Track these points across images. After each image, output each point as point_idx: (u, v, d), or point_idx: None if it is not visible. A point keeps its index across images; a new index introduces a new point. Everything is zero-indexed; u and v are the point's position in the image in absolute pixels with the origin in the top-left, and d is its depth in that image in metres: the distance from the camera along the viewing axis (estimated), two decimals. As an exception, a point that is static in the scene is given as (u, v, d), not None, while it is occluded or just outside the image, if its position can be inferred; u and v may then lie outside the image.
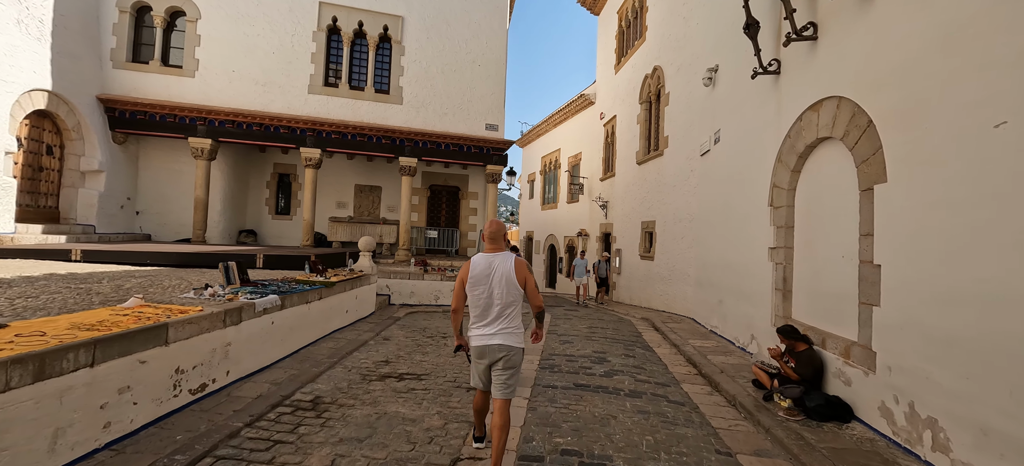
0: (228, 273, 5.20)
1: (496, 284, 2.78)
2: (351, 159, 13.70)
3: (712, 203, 8.45)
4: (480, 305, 2.81)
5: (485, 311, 2.80)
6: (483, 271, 2.81)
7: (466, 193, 14.55)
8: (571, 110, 18.42)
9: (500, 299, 2.77)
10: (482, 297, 2.80)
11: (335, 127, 11.22)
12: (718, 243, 7.94)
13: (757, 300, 6.16)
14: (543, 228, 21.06)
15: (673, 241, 10.55)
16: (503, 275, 2.79)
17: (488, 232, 2.99)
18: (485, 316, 2.80)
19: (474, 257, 2.92)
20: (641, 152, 12.61)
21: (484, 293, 2.79)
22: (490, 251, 2.91)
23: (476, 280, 2.81)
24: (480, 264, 2.83)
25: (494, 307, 2.78)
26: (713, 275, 8.12)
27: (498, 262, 2.82)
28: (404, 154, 11.67)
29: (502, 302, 2.78)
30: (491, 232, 2.97)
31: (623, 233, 13.61)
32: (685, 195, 10.07)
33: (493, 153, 12.22)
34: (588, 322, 8.95)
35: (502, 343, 2.77)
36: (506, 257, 2.86)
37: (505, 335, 2.79)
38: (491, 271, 2.80)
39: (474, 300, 2.84)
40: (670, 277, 10.61)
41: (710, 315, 8.18)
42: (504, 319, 2.79)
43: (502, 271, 2.80)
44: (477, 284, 2.81)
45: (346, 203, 13.67)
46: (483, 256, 2.88)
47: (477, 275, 2.81)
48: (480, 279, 2.80)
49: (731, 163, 7.54)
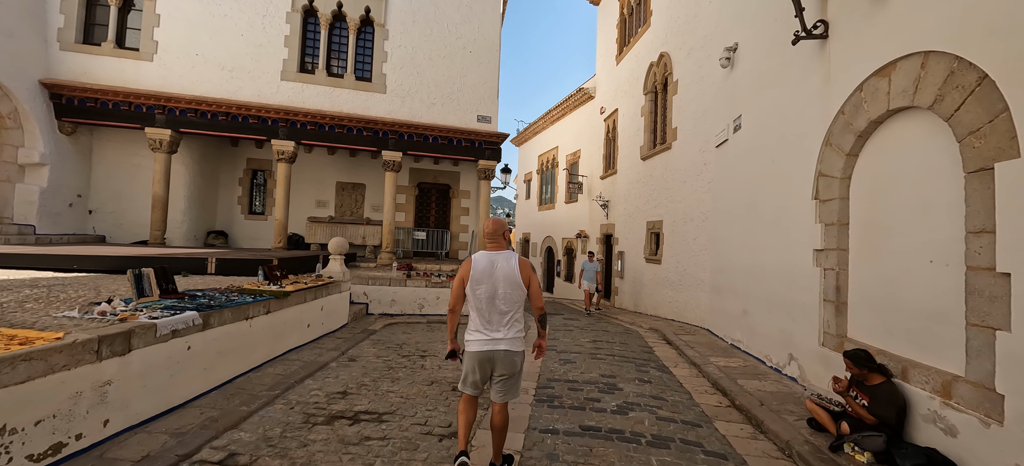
0: (140, 283, 4.07)
1: (500, 283, 2.60)
2: (332, 154, 12.57)
3: (731, 199, 7.38)
4: (482, 306, 2.62)
5: (488, 313, 2.62)
6: (485, 269, 2.62)
7: (457, 191, 13.44)
8: (569, 105, 17.37)
9: (504, 300, 2.60)
10: (484, 297, 2.61)
11: (311, 118, 10.10)
12: (741, 245, 6.86)
13: (798, 313, 5.07)
14: (540, 230, 19.98)
15: (683, 243, 9.47)
16: (506, 274, 2.61)
17: (488, 230, 2.78)
18: (488, 318, 2.62)
19: (475, 255, 2.72)
20: (646, 146, 11.54)
21: (486, 293, 2.61)
22: (491, 249, 2.73)
23: (478, 278, 2.61)
24: (482, 262, 2.65)
25: (497, 309, 2.60)
26: (735, 281, 7.04)
27: (501, 260, 2.65)
28: (387, 148, 10.55)
29: (506, 303, 2.61)
30: (491, 229, 2.77)
31: (626, 234, 12.53)
32: (697, 191, 9.00)
33: (486, 147, 11.12)
34: (591, 334, 7.84)
35: (508, 349, 2.60)
36: (509, 255, 2.69)
37: (511, 341, 2.62)
38: (494, 269, 2.62)
39: (475, 301, 2.64)
40: (680, 282, 9.52)
41: (731, 327, 7.09)
42: (509, 322, 2.63)
43: (505, 270, 2.62)
44: (479, 283, 2.61)
45: (327, 202, 12.53)
46: (484, 254, 2.71)
47: (479, 273, 2.62)
48: (482, 278, 2.61)
49: (757, 152, 6.47)
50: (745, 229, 6.75)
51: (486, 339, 2.60)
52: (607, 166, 14.42)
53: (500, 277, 2.61)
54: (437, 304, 8.76)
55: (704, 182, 8.76)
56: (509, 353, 2.60)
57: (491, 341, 2.59)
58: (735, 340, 6.90)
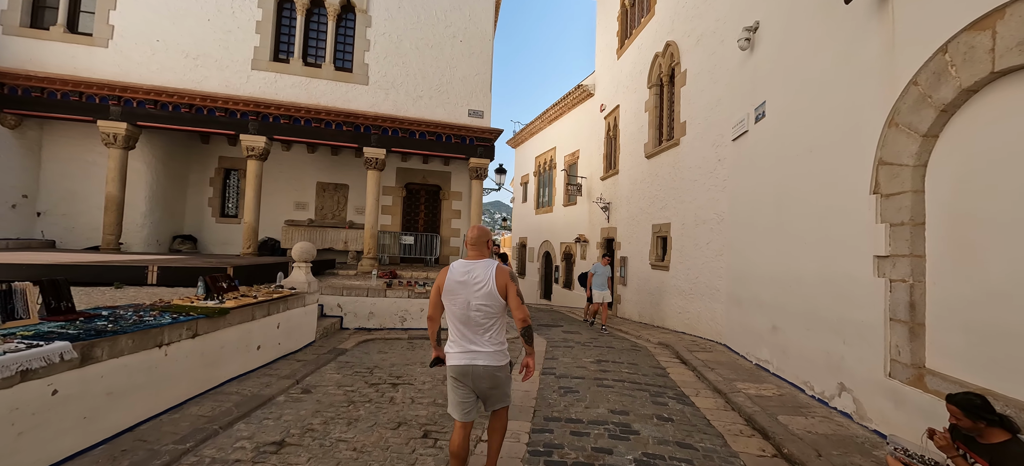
0: (7, 302, 3.06)
1: (474, 294, 2.44)
2: (312, 152, 11.58)
3: (754, 198, 6.44)
4: (457, 318, 2.47)
5: (463, 325, 2.46)
6: (460, 279, 2.47)
7: (448, 193, 12.46)
8: (567, 104, 16.47)
9: (479, 310, 2.43)
10: (458, 309, 2.45)
11: (284, 111, 9.12)
12: (767, 250, 5.91)
13: (852, 334, 4.11)
14: (537, 234, 19.01)
15: (695, 247, 8.51)
16: (482, 284, 2.44)
17: (471, 237, 2.63)
18: (464, 331, 2.46)
19: (453, 263, 2.56)
20: (651, 144, 10.62)
21: (461, 304, 2.45)
22: (472, 258, 2.58)
23: (453, 288, 2.47)
24: (458, 271, 2.50)
25: (473, 319, 2.44)
26: (759, 292, 6.07)
27: (478, 269, 2.48)
28: (369, 144, 9.58)
29: (482, 314, 2.43)
30: (474, 237, 2.62)
31: (629, 238, 11.58)
32: (710, 191, 8.06)
33: (478, 144, 10.17)
34: (595, 352, 6.85)
35: (486, 365, 2.43)
36: (487, 264, 2.52)
37: (488, 354, 2.44)
38: (470, 279, 2.46)
39: (450, 312, 2.50)
40: (691, 291, 8.56)
41: (755, 344, 6.12)
42: (485, 335, 2.45)
43: (481, 279, 2.45)
44: (454, 293, 2.46)
45: (306, 204, 11.53)
46: (463, 263, 2.55)
47: (454, 283, 2.47)
48: (457, 288, 2.46)
49: (787, 142, 5.53)
50: (772, 232, 5.80)
51: (463, 351, 2.45)
52: (608, 166, 13.50)
53: (475, 287, 2.44)
54: (421, 317, 7.76)
55: (718, 180, 7.82)
56: (488, 368, 2.44)
57: (469, 354, 2.44)
58: (761, 360, 5.92)
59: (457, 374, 2.46)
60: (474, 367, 2.42)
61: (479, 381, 2.44)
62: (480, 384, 2.45)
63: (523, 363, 2.54)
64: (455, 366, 2.46)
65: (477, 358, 2.42)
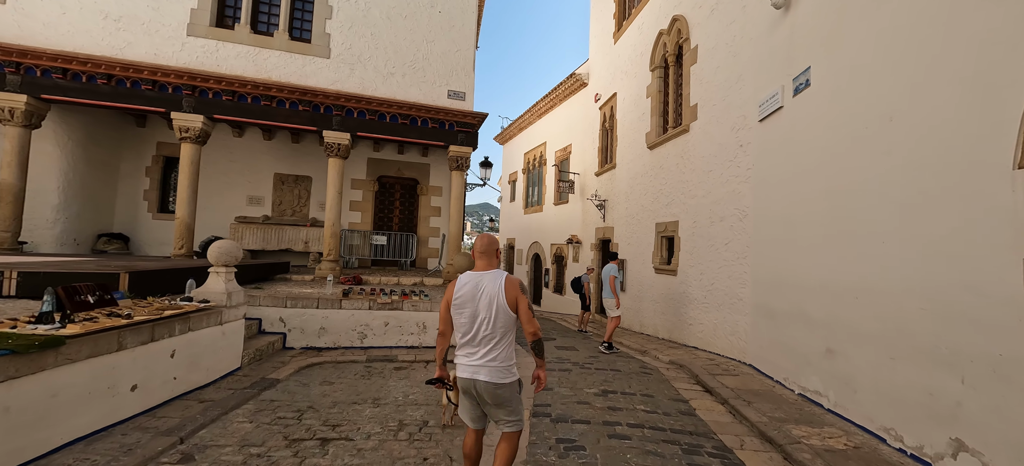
0: None
1: (483, 307, 2.32)
2: (270, 138, 10.06)
3: (793, 186, 5.19)
4: (464, 331, 2.36)
5: (471, 338, 2.34)
6: (469, 292, 2.35)
7: (427, 188, 11.04)
8: (559, 95, 15.19)
9: (488, 324, 2.31)
10: (466, 322, 2.35)
11: (227, 85, 7.61)
12: (817, 250, 4.65)
13: (980, 372, 2.84)
14: (526, 235, 17.69)
15: (709, 249, 7.26)
16: (491, 296, 2.32)
17: (480, 246, 2.49)
18: (471, 345, 2.35)
19: (461, 276, 2.43)
20: (654, 132, 9.37)
21: (468, 317, 2.34)
22: (481, 268, 2.45)
23: (461, 302, 2.36)
24: (467, 283, 2.38)
25: (480, 334, 2.31)
26: (805, 304, 4.81)
27: (487, 281, 2.36)
28: (331, 127, 8.12)
29: (490, 328, 2.31)
30: (483, 246, 2.49)
31: (628, 239, 10.30)
32: (729, 182, 6.82)
33: (458, 130, 8.78)
34: (598, 378, 5.52)
35: (488, 380, 2.29)
36: (496, 275, 2.39)
37: (492, 370, 2.30)
38: (478, 291, 2.35)
39: (458, 325, 2.39)
40: (705, 300, 7.29)
41: (799, 369, 4.85)
42: (492, 349, 2.31)
43: (490, 292, 2.33)
44: (462, 306, 2.35)
45: (261, 198, 9.99)
46: (471, 274, 2.42)
47: (462, 296, 2.36)
48: (466, 301, 2.35)
49: (849, 112, 4.28)
50: (824, 228, 4.54)
51: (467, 365, 2.33)
52: (603, 161, 12.24)
53: (484, 300, 2.32)
54: (385, 333, 6.33)
55: (740, 170, 6.58)
56: (490, 385, 2.29)
57: (471, 368, 2.32)
58: (808, 390, 4.65)
59: (463, 386, 2.38)
60: (476, 381, 2.31)
61: (482, 395, 2.33)
62: (483, 398, 2.33)
63: (534, 375, 2.44)
64: (464, 379, 2.35)
65: (478, 373, 2.31)
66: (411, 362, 5.81)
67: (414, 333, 6.43)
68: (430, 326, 6.50)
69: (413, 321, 6.43)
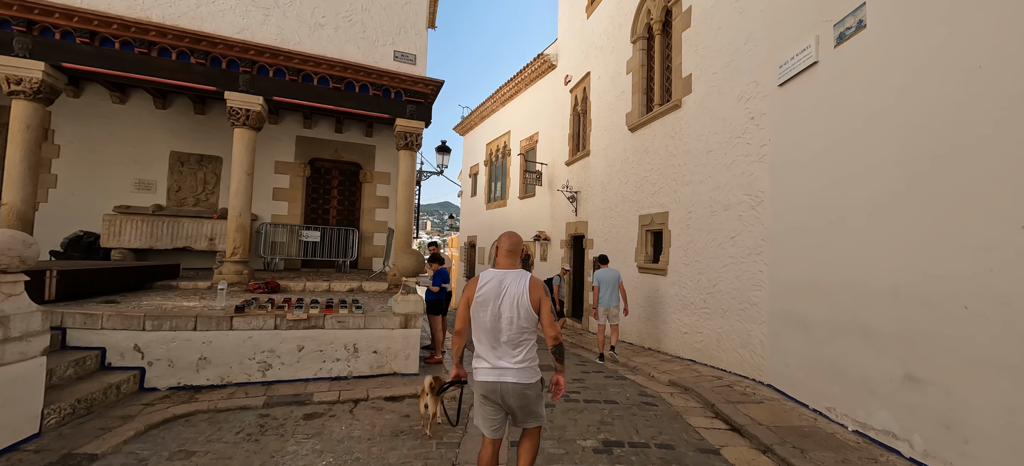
0: None
1: (506, 307, 2.21)
2: (165, 106, 7.84)
3: (838, 162, 3.99)
4: (486, 331, 2.23)
5: (493, 339, 2.23)
6: (492, 290, 2.24)
7: (371, 174, 9.20)
8: (525, 79, 13.76)
9: (511, 324, 2.21)
10: (488, 321, 2.22)
11: (80, 24, 5.48)
12: (883, 243, 3.44)
13: None
14: (489, 232, 16.11)
15: (710, 244, 6.04)
16: (515, 296, 2.21)
17: (506, 246, 2.37)
18: (493, 346, 2.23)
19: (483, 273, 2.30)
20: (637, 112, 8.12)
21: (491, 316, 2.22)
22: (504, 267, 2.34)
23: (483, 300, 2.23)
24: (490, 281, 2.26)
25: (504, 333, 2.21)
26: (867, 313, 3.60)
27: (510, 280, 2.25)
28: (236, 88, 6.16)
29: (514, 328, 2.21)
30: (510, 245, 2.37)
31: (605, 234, 9.02)
32: (736, 163, 5.62)
33: (408, 100, 7.06)
34: (594, 419, 4.06)
35: (515, 381, 2.19)
36: (520, 275, 2.28)
37: (518, 371, 2.20)
38: (502, 290, 2.23)
39: (479, 324, 2.25)
40: (704, 305, 6.07)
41: (856, 399, 3.64)
42: (517, 350, 2.21)
43: (514, 291, 2.22)
44: (484, 304, 2.23)
45: (153, 183, 7.76)
46: (494, 272, 2.31)
47: (485, 294, 2.24)
48: (488, 299, 2.23)
49: (927, 64, 3.07)
50: (898, 212, 3.33)
51: (491, 368, 2.22)
52: (575, 148, 10.93)
53: (507, 299, 2.22)
54: (299, 362, 4.54)
55: (752, 147, 5.38)
56: (517, 385, 2.19)
57: (497, 371, 2.21)
58: (874, 428, 3.43)
59: (485, 391, 2.24)
60: (503, 385, 2.20)
61: (508, 399, 2.21)
62: (509, 402, 2.22)
63: (553, 381, 2.34)
64: (483, 383, 2.23)
65: (506, 375, 2.19)
66: (332, 404, 4.09)
67: (341, 359, 4.70)
68: (364, 347, 4.79)
69: (340, 342, 4.69)
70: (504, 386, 2.19)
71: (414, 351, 4.99)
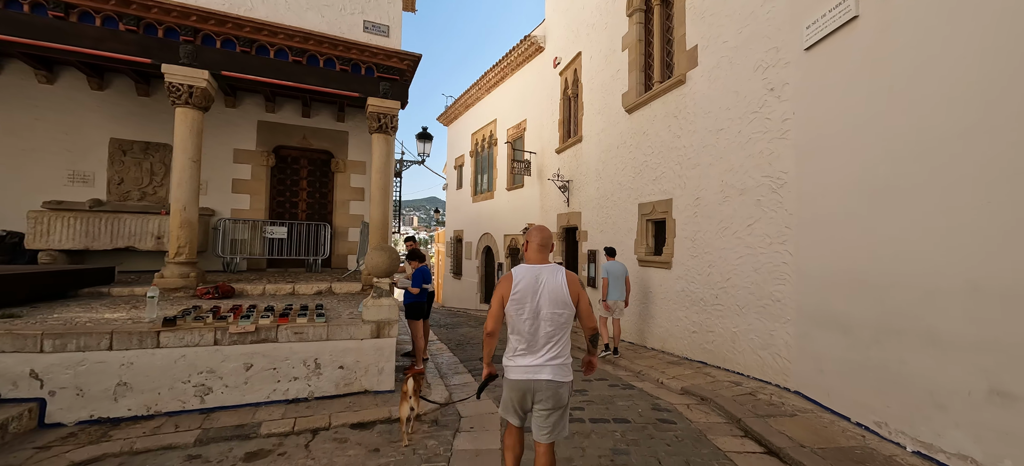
0: None
1: (545, 302, 2.15)
2: (102, 86, 6.83)
3: (880, 138, 3.35)
4: (524, 328, 2.16)
5: (530, 336, 2.16)
6: (529, 285, 2.16)
7: (345, 163, 8.33)
8: (512, 63, 12.95)
9: (550, 321, 2.14)
10: (527, 318, 2.15)
11: (-22, -21, 4.50)
12: (959, 230, 2.81)
13: None
14: (475, 226, 15.34)
15: (722, 233, 5.41)
16: (553, 291, 2.15)
17: (538, 241, 2.29)
18: (530, 343, 2.16)
19: (516, 269, 2.23)
20: (634, 91, 7.42)
21: (529, 313, 2.15)
22: (536, 262, 2.27)
23: (521, 297, 2.15)
24: (525, 277, 2.18)
25: (542, 331, 2.15)
26: (932, 313, 2.98)
27: (546, 275, 2.19)
28: (176, 60, 5.25)
29: (552, 325, 2.15)
30: (541, 240, 2.29)
31: (600, 225, 8.36)
32: (753, 141, 4.97)
33: (381, 77, 6.23)
34: (605, 444, 3.38)
35: (551, 379, 2.13)
36: (556, 270, 2.22)
37: (554, 368, 2.15)
38: (539, 286, 2.16)
39: (517, 322, 2.17)
40: (718, 301, 5.44)
41: (917, 415, 3.02)
42: (554, 346, 2.16)
43: (552, 286, 2.16)
44: (521, 302, 2.15)
45: (90, 175, 6.77)
46: (528, 268, 2.23)
47: (522, 290, 2.16)
48: (526, 295, 2.15)
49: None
50: (967, 191, 2.70)
51: (527, 366, 2.15)
52: (566, 134, 10.21)
53: (546, 295, 2.15)
54: (247, 383, 3.74)
55: (772, 122, 4.73)
56: (553, 383, 2.13)
57: (533, 369, 2.14)
58: (943, 451, 2.82)
59: (521, 388, 2.16)
60: (537, 382, 2.13)
61: (541, 395, 2.13)
62: (544, 400, 2.13)
63: (585, 361, 2.34)
64: (518, 381, 2.16)
65: (541, 372, 2.13)
66: (284, 436, 3.31)
67: (300, 377, 3.91)
68: (328, 362, 4.02)
69: (298, 358, 3.91)
70: (538, 383, 2.13)
71: (389, 364, 4.23)
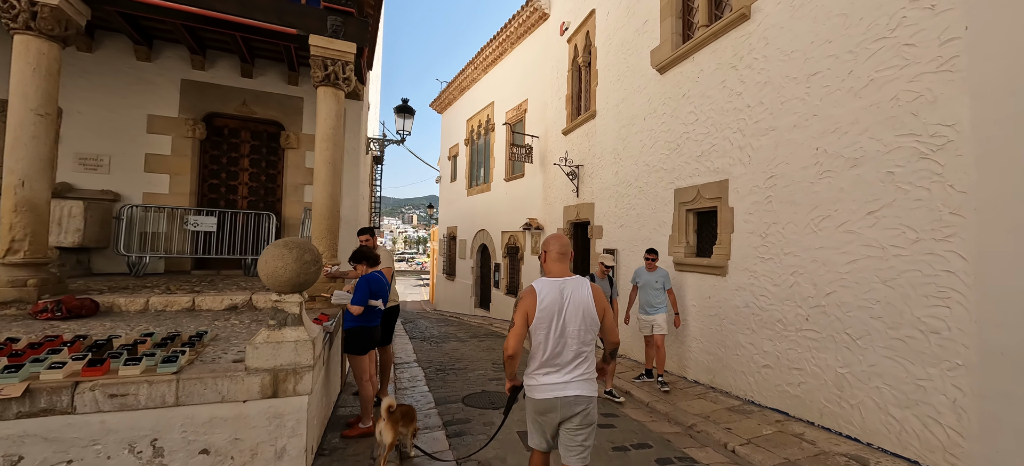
0: None
1: (572, 318, 1.99)
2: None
3: None
4: (549, 345, 1.99)
5: (556, 353, 2.00)
6: (554, 302, 1.98)
7: (298, 137, 6.53)
8: (512, 36, 11.18)
9: (577, 337, 2.00)
10: (553, 335, 1.98)
11: None
12: None
13: None
14: (470, 222, 13.57)
15: (816, 226, 3.62)
16: (579, 305, 1.99)
17: (557, 250, 2.11)
18: (556, 359, 2.01)
19: (537, 283, 2.04)
20: (669, 44, 5.64)
21: (556, 330, 1.98)
22: (556, 274, 2.08)
23: (547, 314, 1.97)
24: (549, 292, 2.00)
25: (569, 348, 2.00)
26: None
27: (570, 289, 2.02)
28: (9, -39, 3.44)
29: (579, 341, 2.00)
30: (561, 249, 2.12)
31: (621, 219, 6.58)
32: (879, 84, 3.18)
33: (327, 7, 4.43)
34: None
35: (579, 394, 1.99)
36: (581, 283, 2.04)
37: (582, 383, 2.01)
38: (564, 301, 1.99)
39: (541, 339, 1.99)
40: (809, 325, 3.65)
41: None
42: (581, 363, 2.02)
43: (577, 300, 2.00)
44: (547, 320, 1.98)
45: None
46: (550, 281, 2.04)
47: (547, 307, 1.97)
48: (552, 312, 1.98)
49: None
50: None
51: (553, 384, 2.00)
52: (575, 111, 8.44)
53: (573, 311, 1.98)
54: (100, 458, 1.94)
55: (920, 52, 2.96)
56: (580, 398, 1.99)
57: (559, 386, 1.99)
58: None
59: (548, 408, 2.01)
60: (564, 398, 1.98)
61: (568, 412, 1.98)
62: (571, 419, 1.99)
63: (599, 366, 2.13)
64: (547, 399, 2.00)
65: (568, 389, 1.98)
66: None
67: (119, 475, 2.11)
68: (178, 446, 2.23)
69: (120, 440, 2.12)
70: (565, 399, 1.97)
71: (294, 441, 2.45)
